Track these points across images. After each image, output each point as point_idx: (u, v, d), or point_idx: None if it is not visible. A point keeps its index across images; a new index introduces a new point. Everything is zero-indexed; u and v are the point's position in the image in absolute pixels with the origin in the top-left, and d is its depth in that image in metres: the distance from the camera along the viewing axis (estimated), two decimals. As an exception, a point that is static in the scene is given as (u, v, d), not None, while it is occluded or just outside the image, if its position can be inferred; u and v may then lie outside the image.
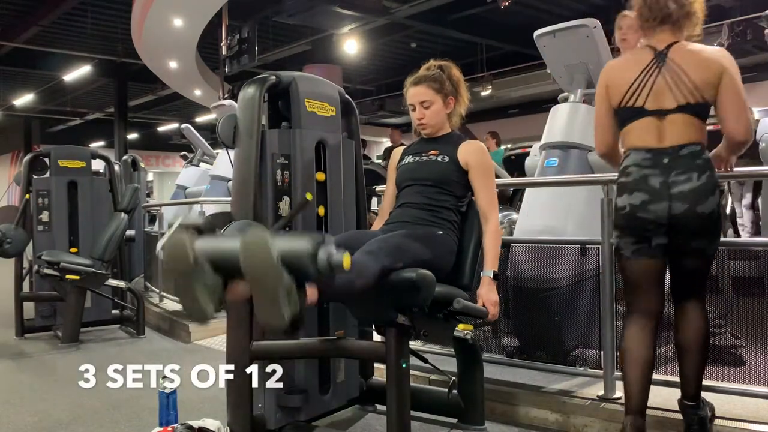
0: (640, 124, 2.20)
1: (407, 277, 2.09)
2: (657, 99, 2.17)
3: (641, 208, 2.16)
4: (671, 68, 2.17)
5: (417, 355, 2.53)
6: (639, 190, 2.17)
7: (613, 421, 2.60)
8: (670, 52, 2.20)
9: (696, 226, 2.13)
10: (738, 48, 9.14)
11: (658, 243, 2.19)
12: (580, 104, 3.60)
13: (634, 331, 2.27)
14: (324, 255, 1.77)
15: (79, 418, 3.09)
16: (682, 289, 2.28)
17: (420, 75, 2.54)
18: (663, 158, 2.15)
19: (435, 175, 2.49)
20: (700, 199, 2.11)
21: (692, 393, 2.27)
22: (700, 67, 2.16)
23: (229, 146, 2.55)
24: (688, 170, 2.12)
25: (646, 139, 2.19)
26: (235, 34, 10.49)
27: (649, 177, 2.15)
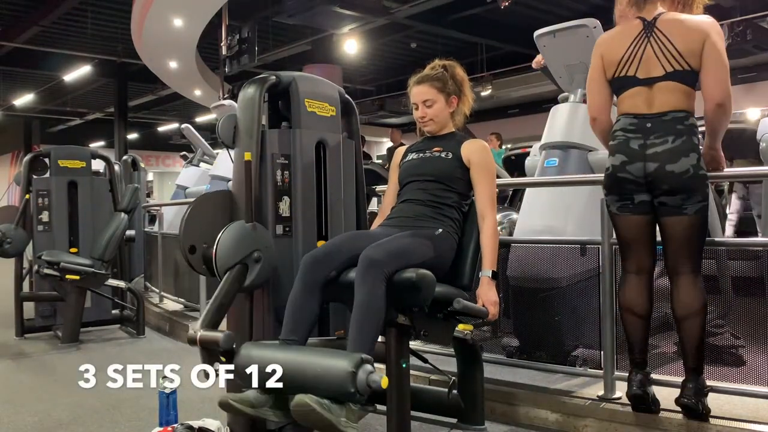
0: (632, 92, 2.37)
1: (407, 277, 2.09)
2: (646, 68, 2.33)
3: (620, 168, 2.35)
4: (658, 37, 2.32)
5: (417, 355, 2.53)
6: (620, 152, 2.35)
7: (613, 421, 2.60)
8: (658, 22, 2.34)
9: (668, 183, 2.27)
10: (738, 48, 9.15)
11: (641, 200, 2.36)
12: (580, 104, 3.59)
13: (629, 287, 2.46)
14: (363, 378, 1.86)
15: (79, 418, 3.09)
16: (673, 257, 2.36)
17: (423, 74, 2.58)
18: (646, 123, 2.32)
19: (438, 171, 2.50)
20: (672, 159, 2.25)
21: (693, 365, 2.34)
22: (685, 36, 2.29)
23: (229, 146, 2.56)
24: (666, 134, 2.28)
25: (636, 105, 2.35)
26: (235, 34, 10.50)
27: (631, 140, 2.33)
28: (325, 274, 2.22)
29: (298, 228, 2.53)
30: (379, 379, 1.86)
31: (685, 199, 2.28)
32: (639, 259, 2.44)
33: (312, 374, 1.91)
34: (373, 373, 1.86)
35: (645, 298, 2.44)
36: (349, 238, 2.39)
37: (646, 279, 2.45)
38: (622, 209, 2.41)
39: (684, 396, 2.35)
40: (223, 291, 2.26)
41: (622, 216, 2.42)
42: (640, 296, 2.44)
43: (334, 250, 2.29)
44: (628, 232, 2.43)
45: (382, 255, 2.11)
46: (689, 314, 2.32)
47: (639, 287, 2.44)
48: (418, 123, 2.62)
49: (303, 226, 2.54)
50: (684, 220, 2.30)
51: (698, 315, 2.32)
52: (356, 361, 1.86)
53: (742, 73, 10.66)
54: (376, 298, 2.07)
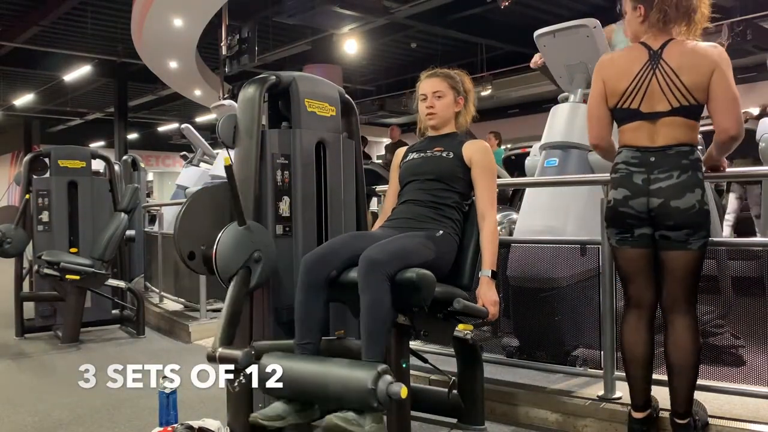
0: (634, 125, 2.29)
1: (407, 277, 2.09)
2: (651, 102, 2.25)
3: (623, 202, 2.29)
4: (664, 71, 2.23)
5: (417, 355, 2.53)
6: (623, 186, 2.29)
7: (613, 421, 2.60)
8: (664, 53, 2.25)
9: (672, 219, 2.21)
10: (738, 48, 9.15)
11: (641, 233, 2.30)
12: (580, 104, 3.59)
13: (630, 326, 2.38)
14: (383, 388, 1.92)
15: (79, 418, 3.09)
16: (671, 293, 2.29)
17: (437, 69, 2.64)
18: (650, 157, 2.25)
19: (439, 170, 2.50)
20: (676, 195, 2.20)
21: (682, 411, 2.29)
22: (692, 69, 2.21)
23: (229, 146, 2.55)
24: (671, 169, 2.22)
25: (638, 138, 2.29)
26: (235, 34, 10.50)
27: (634, 174, 2.27)
28: (325, 274, 2.22)
29: (298, 228, 2.53)
30: (399, 390, 1.91)
31: (689, 234, 2.22)
32: (639, 293, 2.36)
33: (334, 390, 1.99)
34: (393, 383, 1.92)
35: (645, 341, 2.35)
36: (349, 239, 2.39)
37: (646, 318, 2.36)
38: (622, 242, 2.35)
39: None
40: (231, 300, 2.25)
41: (622, 249, 2.36)
42: (640, 339, 2.35)
43: (335, 249, 2.29)
44: (627, 265, 2.37)
45: (383, 255, 2.11)
46: (683, 366, 2.26)
47: (639, 329, 2.35)
48: (421, 118, 2.63)
49: (303, 226, 2.54)
50: (687, 254, 2.24)
51: (692, 366, 2.26)
52: (374, 375, 1.92)
53: (742, 73, 10.65)
54: (382, 300, 2.07)
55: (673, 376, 2.28)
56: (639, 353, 2.35)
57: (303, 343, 2.20)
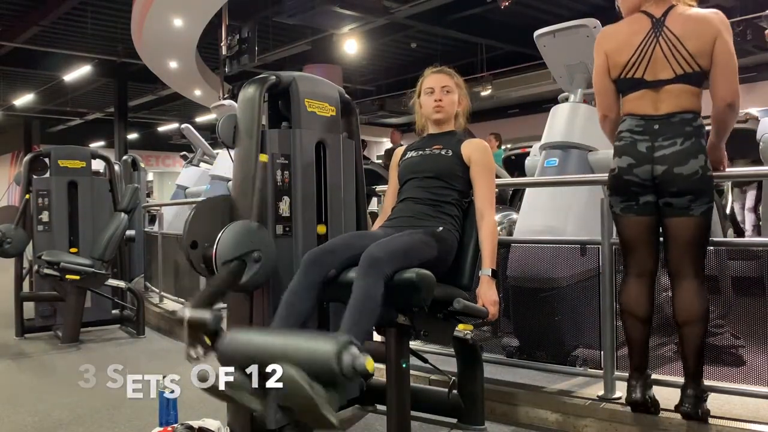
0: (638, 94, 2.32)
1: (407, 277, 2.08)
2: (655, 70, 2.28)
3: (627, 170, 2.31)
4: (668, 38, 2.26)
5: (417, 355, 2.53)
6: (627, 154, 2.32)
7: (613, 421, 2.60)
8: (667, 20, 2.28)
9: (676, 185, 2.24)
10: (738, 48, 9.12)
11: (645, 201, 2.33)
12: (581, 104, 3.60)
13: (630, 289, 2.43)
14: (349, 361, 1.77)
15: (79, 418, 3.09)
16: (676, 259, 2.33)
17: (443, 67, 2.67)
18: (654, 125, 2.28)
19: (438, 168, 2.51)
20: (680, 161, 2.23)
21: (691, 371, 2.32)
22: (696, 35, 2.24)
23: (229, 146, 2.55)
24: (674, 136, 2.25)
25: (642, 107, 2.31)
26: (235, 34, 10.50)
27: (638, 142, 2.30)
28: (324, 273, 2.22)
29: (298, 228, 2.53)
30: (364, 362, 1.76)
31: (692, 200, 2.25)
32: (641, 262, 2.41)
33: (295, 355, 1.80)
34: (360, 357, 1.77)
35: (646, 301, 2.41)
36: (350, 238, 2.39)
37: (647, 282, 2.42)
38: (626, 210, 2.38)
39: (684, 404, 2.34)
40: (218, 279, 2.23)
41: (626, 217, 2.39)
42: (641, 299, 2.41)
43: (335, 249, 2.28)
44: (631, 233, 2.40)
45: (384, 254, 2.11)
46: (690, 320, 2.30)
47: (640, 290, 2.41)
48: (424, 112, 2.64)
49: (303, 226, 2.54)
50: (690, 221, 2.28)
51: (700, 321, 2.30)
52: (342, 343, 1.77)
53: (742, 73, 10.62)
54: (374, 295, 2.05)
55: (682, 330, 2.31)
56: (640, 311, 2.40)
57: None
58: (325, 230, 2.63)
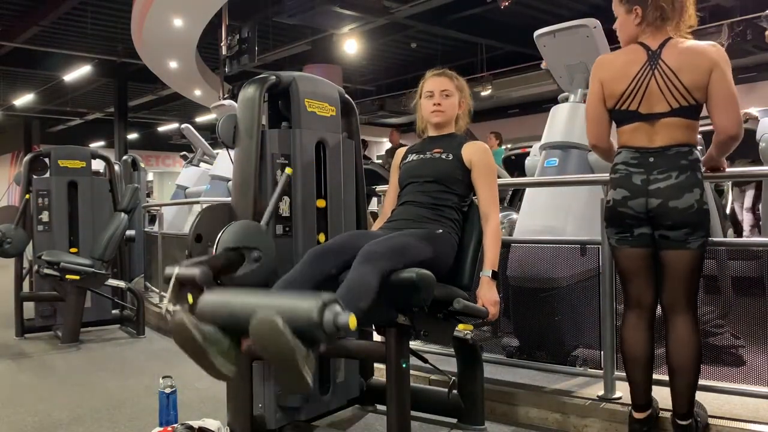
0: (632, 126, 2.29)
1: (407, 277, 2.09)
2: (649, 103, 2.25)
3: (622, 203, 2.29)
4: (663, 71, 2.23)
5: (417, 355, 2.53)
6: (622, 187, 2.29)
7: (613, 421, 2.60)
8: (663, 53, 2.25)
9: (671, 219, 2.21)
10: (738, 48, 9.15)
11: (640, 233, 2.30)
12: (580, 104, 3.59)
13: (630, 326, 2.38)
14: (330, 318, 1.74)
15: (79, 418, 3.09)
16: (671, 293, 2.29)
17: (444, 69, 2.66)
18: (649, 157, 2.25)
19: (439, 172, 2.50)
20: (675, 195, 2.20)
21: (684, 411, 2.28)
22: (691, 69, 2.20)
23: (229, 146, 2.56)
24: (669, 169, 2.22)
25: (637, 139, 2.29)
26: (235, 34, 10.50)
27: (633, 175, 2.27)
28: (325, 270, 2.21)
29: (298, 228, 2.53)
30: (347, 319, 1.74)
31: (689, 233, 2.22)
32: (639, 293, 2.36)
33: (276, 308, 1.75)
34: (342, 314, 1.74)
35: (645, 341, 2.35)
36: (350, 237, 2.39)
37: (646, 318, 2.36)
38: (621, 242, 2.35)
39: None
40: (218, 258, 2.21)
41: (622, 248, 2.36)
42: (640, 339, 2.35)
43: (336, 247, 2.28)
44: (627, 265, 2.37)
45: (382, 249, 2.11)
46: (684, 368, 2.25)
47: (639, 329, 2.35)
48: (424, 115, 2.64)
49: (303, 226, 2.54)
50: (687, 254, 2.24)
51: (693, 369, 2.26)
52: (325, 299, 1.74)
53: (742, 73, 10.66)
54: (369, 281, 2.02)
55: (674, 376, 2.27)
56: (639, 353, 2.35)
57: None
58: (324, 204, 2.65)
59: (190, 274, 2.02)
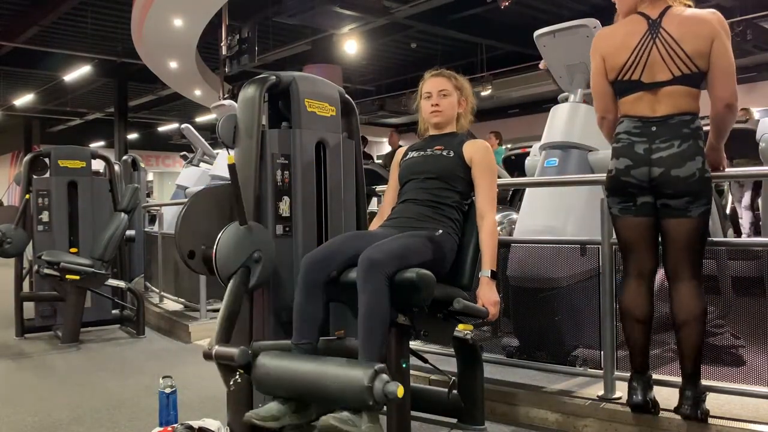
0: (635, 96, 2.31)
1: (407, 277, 2.09)
2: (652, 72, 2.26)
3: (624, 172, 2.31)
4: (665, 39, 2.24)
5: (417, 355, 2.53)
6: (624, 156, 2.31)
7: (613, 421, 2.60)
8: (664, 21, 2.26)
9: (673, 187, 2.23)
10: (738, 48, 9.15)
11: (643, 201, 2.32)
12: (580, 104, 3.59)
13: (630, 290, 2.42)
14: (380, 387, 1.89)
15: (79, 418, 3.09)
16: (674, 261, 2.32)
17: (442, 69, 2.66)
18: (651, 126, 2.27)
19: (439, 168, 2.50)
20: (677, 163, 2.22)
21: (690, 371, 2.31)
22: (693, 36, 2.22)
23: (229, 146, 2.55)
24: (672, 138, 2.24)
25: (640, 108, 2.30)
26: (235, 34, 10.50)
27: (636, 144, 2.29)
28: (325, 274, 2.22)
29: (298, 228, 2.53)
30: (395, 389, 1.89)
31: (690, 202, 2.24)
32: (640, 262, 2.40)
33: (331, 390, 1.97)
34: (389, 383, 1.90)
35: (646, 302, 2.40)
36: (349, 239, 2.39)
37: (646, 283, 2.41)
38: (624, 211, 2.37)
39: (683, 405, 2.34)
40: (230, 298, 2.25)
41: (624, 218, 2.38)
42: (640, 301, 2.40)
43: (334, 250, 2.28)
44: (629, 234, 2.39)
45: (381, 256, 2.11)
46: (688, 320, 2.29)
47: (639, 291, 2.40)
48: (423, 116, 2.64)
49: (303, 226, 2.53)
50: (688, 222, 2.27)
51: (698, 321, 2.29)
52: (371, 374, 1.89)
53: (742, 73, 10.62)
54: (381, 301, 2.06)
55: (679, 332, 2.30)
56: (639, 312, 2.39)
57: (300, 343, 2.20)
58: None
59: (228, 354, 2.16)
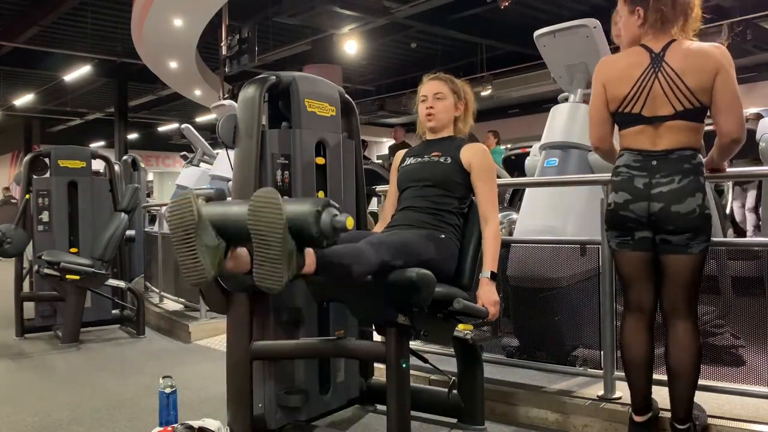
0: (635, 129, 2.27)
1: (407, 277, 2.09)
2: (653, 106, 2.22)
3: (623, 206, 2.27)
4: (667, 73, 2.20)
5: (417, 355, 2.53)
6: (624, 190, 2.27)
7: (613, 421, 2.60)
8: (667, 55, 2.22)
9: (673, 224, 2.20)
10: (738, 48, 9.15)
11: (642, 236, 2.28)
12: (580, 104, 3.59)
13: (630, 329, 2.36)
14: (328, 216, 1.80)
15: (79, 418, 3.09)
16: (671, 298, 2.28)
17: (439, 73, 2.65)
18: (652, 161, 2.23)
19: (437, 176, 2.50)
20: (678, 200, 2.18)
21: (683, 416, 2.27)
22: (696, 71, 2.18)
23: (229, 146, 2.56)
24: (672, 173, 2.20)
25: (640, 142, 2.26)
26: (235, 34, 10.50)
27: (635, 178, 2.25)
28: None
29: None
30: (344, 219, 1.81)
31: (690, 238, 2.21)
32: (639, 297, 2.35)
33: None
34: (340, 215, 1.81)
35: (645, 341, 2.34)
36: (350, 238, 2.39)
37: (645, 321, 2.35)
38: (622, 245, 2.33)
39: None
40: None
41: (622, 252, 2.34)
42: (639, 342, 2.34)
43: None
44: (627, 269, 2.35)
45: (385, 241, 2.13)
46: (684, 369, 2.24)
47: (638, 328, 2.34)
48: (421, 120, 2.63)
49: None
50: (688, 259, 2.23)
51: (692, 374, 2.25)
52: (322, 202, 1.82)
53: (742, 73, 10.63)
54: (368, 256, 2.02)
55: (673, 380, 2.26)
56: (639, 355, 2.34)
57: None
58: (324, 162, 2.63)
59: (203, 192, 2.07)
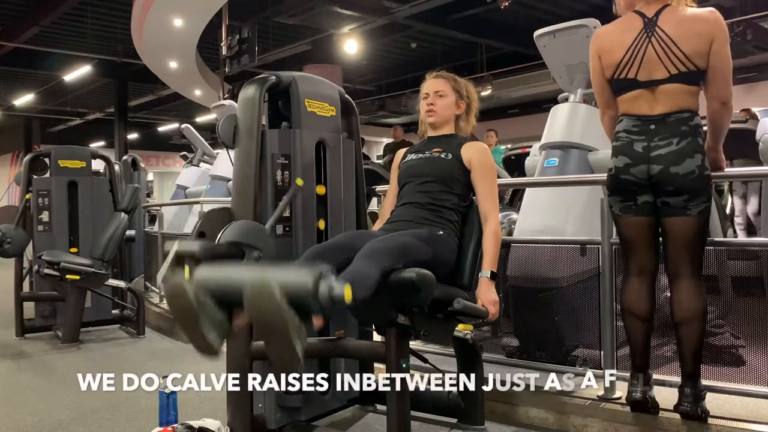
0: (632, 94, 2.31)
1: (407, 277, 2.08)
2: (648, 70, 2.26)
3: (624, 170, 2.31)
4: (660, 38, 2.23)
5: (417, 355, 2.53)
6: (623, 154, 2.32)
7: (613, 421, 2.60)
8: (660, 20, 2.25)
9: (672, 185, 2.24)
10: (738, 48, 9.14)
11: (643, 200, 2.33)
12: (580, 104, 3.60)
13: (631, 288, 2.42)
14: (325, 289, 1.78)
15: (79, 418, 3.09)
16: (674, 259, 2.32)
17: (442, 72, 2.65)
18: (650, 125, 2.28)
19: (438, 171, 2.50)
20: (676, 161, 2.22)
21: (691, 369, 2.31)
22: (691, 37, 2.21)
23: (229, 146, 2.56)
24: (670, 135, 2.24)
25: (638, 107, 2.31)
26: (235, 34, 10.50)
27: (635, 142, 2.30)
28: None
29: (298, 228, 2.53)
30: (342, 290, 1.77)
31: (689, 200, 2.25)
32: (641, 261, 2.40)
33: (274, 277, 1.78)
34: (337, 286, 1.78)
35: (646, 300, 2.40)
36: (350, 237, 2.39)
37: (647, 281, 2.41)
38: (625, 210, 2.38)
39: (682, 403, 2.33)
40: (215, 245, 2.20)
41: (625, 217, 2.39)
42: (641, 298, 2.40)
43: (336, 246, 2.28)
44: (630, 233, 2.40)
45: (383, 247, 2.11)
46: (688, 318, 2.29)
47: (640, 289, 2.40)
48: (422, 116, 2.63)
49: (303, 226, 2.54)
50: (688, 220, 2.27)
51: (698, 320, 2.29)
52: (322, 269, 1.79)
53: (742, 73, 10.66)
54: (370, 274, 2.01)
55: (679, 330, 2.30)
56: (640, 310, 2.39)
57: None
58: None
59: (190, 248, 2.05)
